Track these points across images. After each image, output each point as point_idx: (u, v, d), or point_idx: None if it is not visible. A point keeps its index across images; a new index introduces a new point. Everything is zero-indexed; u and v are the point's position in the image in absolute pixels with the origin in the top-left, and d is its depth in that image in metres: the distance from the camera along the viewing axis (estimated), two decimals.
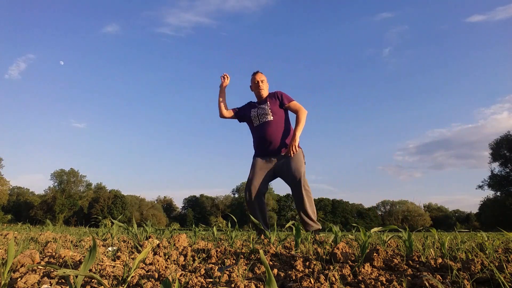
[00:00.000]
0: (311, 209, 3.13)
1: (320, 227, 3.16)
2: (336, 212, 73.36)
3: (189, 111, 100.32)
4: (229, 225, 3.24)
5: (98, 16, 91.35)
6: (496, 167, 49.37)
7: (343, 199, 78.87)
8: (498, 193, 48.93)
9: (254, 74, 3.56)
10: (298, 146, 3.29)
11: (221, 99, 3.60)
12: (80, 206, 66.69)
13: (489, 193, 52.65)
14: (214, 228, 3.10)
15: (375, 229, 2.24)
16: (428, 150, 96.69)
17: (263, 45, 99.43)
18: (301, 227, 2.70)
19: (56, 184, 67.25)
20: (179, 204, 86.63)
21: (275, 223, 3.27)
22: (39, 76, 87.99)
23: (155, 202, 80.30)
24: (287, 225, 2.68)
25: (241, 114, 3.56)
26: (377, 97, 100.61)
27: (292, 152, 3.11)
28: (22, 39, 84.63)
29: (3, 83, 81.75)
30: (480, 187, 50.72)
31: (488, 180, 49.61)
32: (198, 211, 78.90)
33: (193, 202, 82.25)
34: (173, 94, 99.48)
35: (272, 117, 3.30)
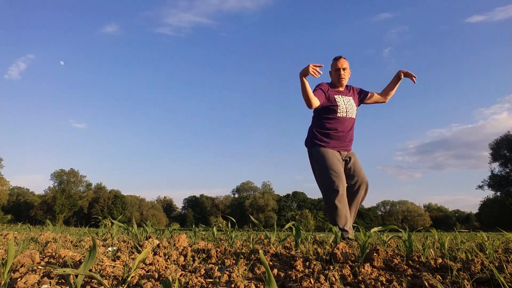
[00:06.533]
0: (333, 217, 2.91)
1: (347, 231, 2.86)
2: None
3: (189, 111, 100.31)
4: (229, 225, 3.25)
5: (98, 16, 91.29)
6: (496, 167, 49.48)
7: None
8: (498, 193, 48.99)
9: (337, 59, 3.21)
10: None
11: (310, 91, 3.07)
12: (80, 206, 66.65)
13: (489, 193, 52.71)
14: (214, 228, 3.10)
15: (375, 229, 2.24)
16: (428, 150, 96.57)
17: (262, 45, 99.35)
18: (300, 228, 2.68)
19: (56, 184, 67.26)
20: (179, 204, 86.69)
21: (275, 223, 3.25)
22: (39, 76, 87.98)
23: (155, 202, 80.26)
24: (287, 226, 2.67)
25: (328, 97, 3.19)
26: None
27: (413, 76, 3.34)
28: (22, 39, 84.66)
29: (3, 83, 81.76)
30: (480, 187, 50.80)
31: (488, 180, 49.66)
32: (198, 211, 78.88)
33: (193, 202, 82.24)
34: (172, 94, 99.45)
35: (355, 116, 3.21)
